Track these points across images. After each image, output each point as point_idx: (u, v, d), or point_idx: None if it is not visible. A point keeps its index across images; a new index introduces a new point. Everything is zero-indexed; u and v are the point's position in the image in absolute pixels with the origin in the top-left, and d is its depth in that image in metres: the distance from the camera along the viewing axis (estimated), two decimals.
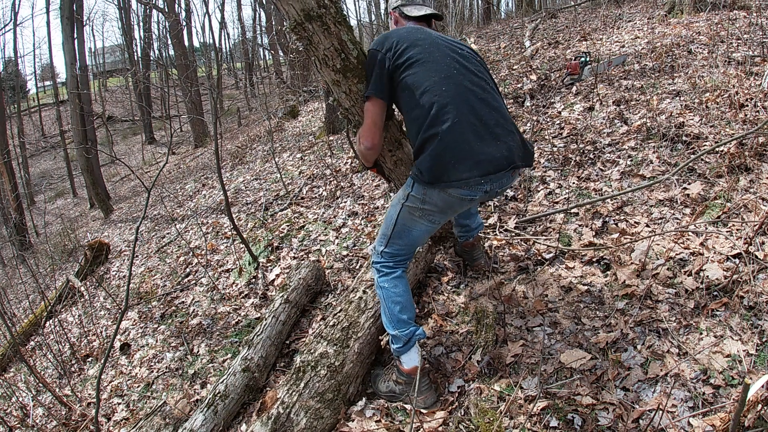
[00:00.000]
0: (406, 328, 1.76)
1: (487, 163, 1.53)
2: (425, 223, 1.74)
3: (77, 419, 2.57)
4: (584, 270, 2.13)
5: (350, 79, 1.78)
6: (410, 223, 1.74)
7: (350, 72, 1.76)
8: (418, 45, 1.64)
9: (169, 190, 8.10)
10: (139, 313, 3.62)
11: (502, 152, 1.55)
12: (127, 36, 18.17)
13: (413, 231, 1.76)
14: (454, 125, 1.53)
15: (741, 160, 2.39)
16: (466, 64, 1.65)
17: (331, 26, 1.68)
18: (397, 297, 1.78)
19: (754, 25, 4.25)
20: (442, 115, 1.54)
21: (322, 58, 1.73)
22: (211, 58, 18.91)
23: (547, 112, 3.84)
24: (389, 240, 1.80)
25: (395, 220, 1.76)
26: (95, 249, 5.70)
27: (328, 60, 1.73)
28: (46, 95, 25.33)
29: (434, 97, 1.56)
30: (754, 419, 1.28)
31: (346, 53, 1.73)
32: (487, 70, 1.75)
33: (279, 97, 11.84)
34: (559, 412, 1.55)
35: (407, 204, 1.71)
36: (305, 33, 1.69)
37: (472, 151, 1.52)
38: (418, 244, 1.84)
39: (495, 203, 2.82)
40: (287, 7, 1.66)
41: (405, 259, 1.84)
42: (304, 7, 1.63)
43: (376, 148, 1.77)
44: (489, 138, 1.55)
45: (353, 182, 4.07)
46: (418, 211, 1.70)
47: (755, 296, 1.70)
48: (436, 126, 1.54)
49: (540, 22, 8.32)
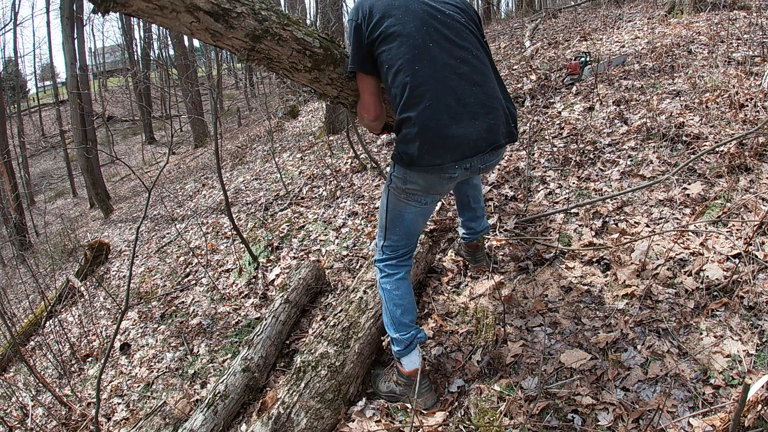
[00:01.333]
0: (407, 331, 1.74)
1: (464, 147, 1.47)
2: (414, 205, 1.68)
3: (77, 419, 2.57)
4: (584, 270, 2.13)
5: (326, 69, 1.66)
6: (400, 206, 1.69)
7: (323, 63, 1.64)
8: (391, 15, 1.49)
9: (169, 190, 8.10)
10: (139, 313, 3.62)
11: (480, 133, 1.48)
12: (127, 36, 18.17)
13: (405, 216, 1.71)
14: (427, 109, 1.45)
15: (741, 160, 2.39)
16: (446, 32, 1.49)
17: (282, 33, 1.53)
18: (400, 300, 1.76)
19: (754, 25, 4.25)
20: (415, 98, 1.45)
21: (289, 67, 1.61)
22: (211, 58, 18.94)
23: (547, 112, 3.84)
24: (386, 231, 1.76)
25: (386, 207, 1.72)
26: (95, 249, 5.70)
27: (297, 64, 1.61)
28: (46, 95, 25.33)
29: (407, 77, 1.45)
30: (754, 419, 1.28)
31: (309, 48, 1.59)
32: (474, 30, 1.58)
33: (279, 97, 11.85)
34: (559, 412, 1.55)
35: (392, 187, 1.67)
36: (261, 54, 1.55)
37: (447, 136, 1.46)
38: (416, 232, 1.79)
39: (495, 203, 2.82)
40: (230, 42, 1.49)
41: (406, 254, 1.80)
42: (248, 32, 1.47)
43: (380, 117, 1.67)
44: (467, 118, 1.47)
45: (353, 182, 4.07)
46: (403, 193, 1.65)
47: (755, 296, 1.70)
48: (409, 109, 1.47)
49: (540, 22, 8.32)
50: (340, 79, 1.70)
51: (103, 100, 23.00)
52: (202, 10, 1.35)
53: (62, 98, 17.75)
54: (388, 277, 1.79)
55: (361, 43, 1.53)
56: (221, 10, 1.38)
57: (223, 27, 1.42)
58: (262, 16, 1.47)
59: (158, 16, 1.34)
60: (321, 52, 1.62)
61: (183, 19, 1.36)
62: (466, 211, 2.18)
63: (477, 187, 2.14)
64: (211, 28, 1.41)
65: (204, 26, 1.40)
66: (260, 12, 1.47)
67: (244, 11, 1.42)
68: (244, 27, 1.45)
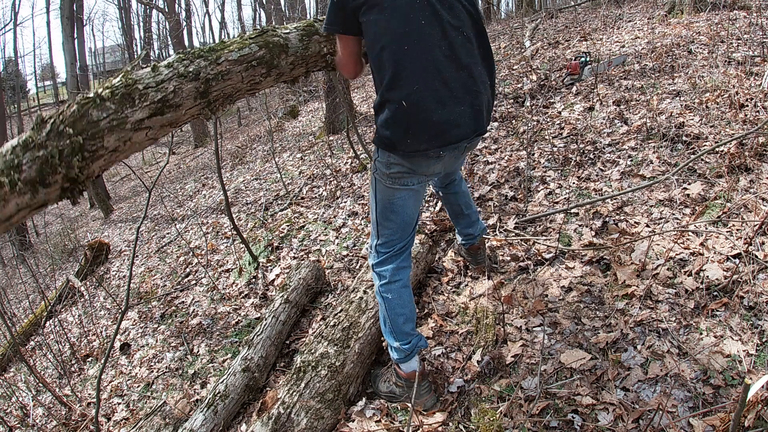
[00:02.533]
0: (408, 340, 1.68)
1: (448, 133, 1.43)
2: (402, 190, 1.59)
3: (77, 419, 2.57)
4: (584, 270, 2.13)
5: (281, 62, 1.52)
6: (388, 195, 1.61)
7: (273, 59, 1.50)
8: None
9: (169, 190, 8.10)
10: (139, 313, 3.62)
11: (465, 119, 1.44)
12: (127, 36, 18.19)
13: (395, 203, 1.62)
14: (414, 93, 1.37)
15: (741, 160, 2.39)
16: (439, 8, 1.38)
17: (220, 69, 1.36)
18: (402, 308, 1.67)
19: (754, 25, 4.25)
20: (401, 79, 1.37)
21: (250, 86, 1.47)
22: None
23: (547, 112, 3.84)
24: (378, 226, 1.66)
25: (375, 199, 1.64)
26: (95, 249, 5.70)
27: (254, 78, 1.47)
28: (46, 95, 25.35)
29: (394, 55, 1.36)
30: (754, 419, 1.28)
31: (252, 59, 1.44)
32: (467, 5, 1.46)
33: (279, 97, 11.85)
34: (559, 412, 1.55)
35: (377, 175, 1.59)
36: (219, 99, 1.41)
37: (432, 122, 1.40)
38: (409, 221, 1.68)
39: (495, 203, 2.82)
40: (188, 114, 1.33)
41: (403, 249, 1.69)
42: (194, 96, 1.32)
43: (359, 74, 1.59)
44: (452, 103, 1.41)
45: (353, 182, 4.07)
46: (388, 179, 1.57)
47: (755, 296, 1.70)
48: (394, 90, 1.39)
49: (540, 22, 8.32)
50: (298, 59, 1.57)
51: None
52: (146, 119, 1.23)
53: (62, 98, 17.76)
54: (389, 285, 1.68)
55: (345, 4, 1.39)
56: (159, 103, 1.25)
57: (172, 113, 1.30)
58: (193, 72, 1.32)
59: (122, 153, 1.23)
60: (264, 53, 1.48)
61: (138, 137, 1.24)
62: (460, 219, 2.15)
63: (465, 194, 2.10)
64: (165, 123, 1.30)
65: (159, 126, 1.29)
66: (188, 70, 1.31)
67: (176, 85, 1.28)
68: (187, 95, 1.31)
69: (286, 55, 1.53)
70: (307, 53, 1.59)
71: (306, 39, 1.57)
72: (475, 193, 2.98)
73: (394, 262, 1.69)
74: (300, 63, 1.59)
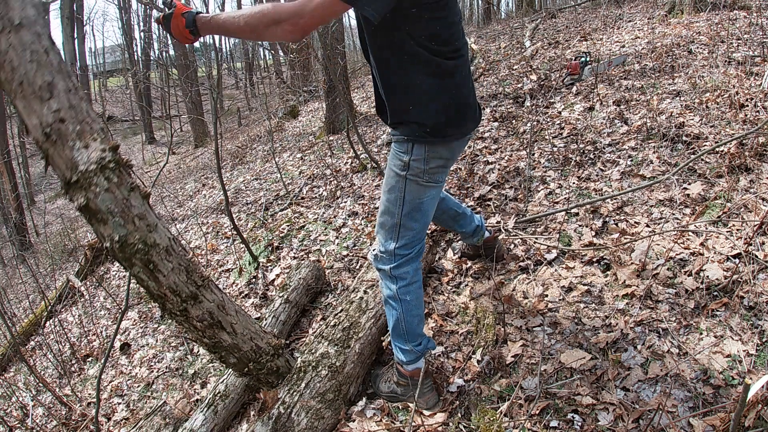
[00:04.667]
0: (419, 341, 1.69)
1: (476, 115, 1.57)
2: (433, 186, 1.57)
3: (77, 419, 2.57)
4: (584, 270, 2.13)
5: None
6: (420, 194, 1.56)
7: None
8: None
9: (169, 190, 8.10)
10: (139, 313, 3.62)
11: (477, 104, 1.58)
12: (127, 36, 18.16)
13: (424, 203, 1.58)
14: (465, 77, 1.48)
15: (741, 160, 2.39)
16: (455, 8, 1.46)
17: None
18: (417, 309, 1.66)
19: (754, 25, 4.26)
20: (456, 67, 1.43)
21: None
22: (211, 58, 18.90)
23: (547, 112, 3.84)
24: (401, 228, 1.60)
25: (402, 201, 1.56)
26: (95, 249, 5.69)
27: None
28: None
29: (456, 42, 1.42)
30: (754, 419, 1.28)
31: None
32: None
33: (279, 97, 11.85)
34: (559, 412, 1.55)
35: (410, 175, 1.52)
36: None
37: (469, 104, 1.52)
38: (429, 219, 1.66)
39: (495, 203, 2.82)
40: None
41: (421, 249, 1.67)
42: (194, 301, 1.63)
43: (304, 35, 1.35)
44: (472, 89, 1.56)
45: (353, 182, 4.07)
46: (425, 175, 1.52)
47: (755, 296, 1.70)
48: (452, 76, 1.43)
49: (540, 22, 8.32)
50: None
51: (103, 100, 23.00)
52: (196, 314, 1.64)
53: None
54: (409, 286, 1.63)
55: None
56: (189, 297, 1.60)
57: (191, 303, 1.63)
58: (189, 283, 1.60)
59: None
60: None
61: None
62: (459, 219, 2.13)
63: (449, 197, 2.10)
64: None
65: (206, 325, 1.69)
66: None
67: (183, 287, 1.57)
68: (205, 304, 1.66)
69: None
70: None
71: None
72: (475, 193, 2.98)
73: (414, 263, 1.67)
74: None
